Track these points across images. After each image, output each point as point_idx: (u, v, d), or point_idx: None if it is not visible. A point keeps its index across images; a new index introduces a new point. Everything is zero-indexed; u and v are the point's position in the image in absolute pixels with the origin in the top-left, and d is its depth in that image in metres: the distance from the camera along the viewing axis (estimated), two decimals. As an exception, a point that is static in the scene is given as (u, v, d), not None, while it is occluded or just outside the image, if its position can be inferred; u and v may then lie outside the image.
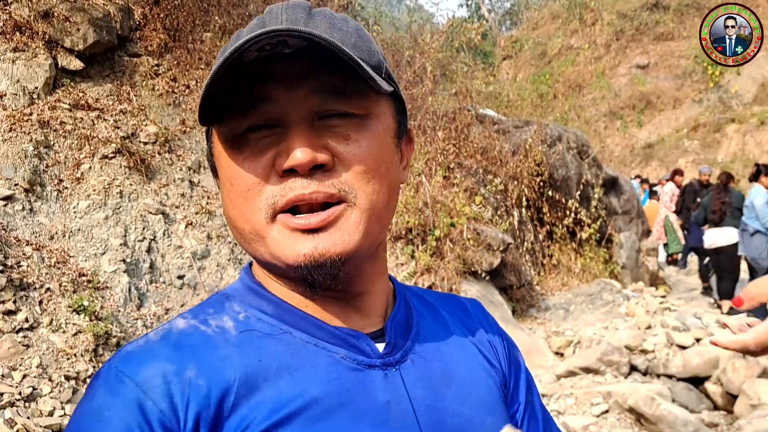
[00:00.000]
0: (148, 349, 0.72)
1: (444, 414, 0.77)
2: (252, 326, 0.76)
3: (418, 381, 0.78)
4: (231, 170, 0.74)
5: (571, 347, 6.98)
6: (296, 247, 0.71)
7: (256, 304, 0.79)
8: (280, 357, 0.73)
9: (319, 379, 0.72)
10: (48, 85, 6.27)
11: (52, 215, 5.62)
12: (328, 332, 0.77)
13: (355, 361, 0.75)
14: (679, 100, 25.15)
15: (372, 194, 0.74)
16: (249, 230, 0.75)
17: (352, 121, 0.74)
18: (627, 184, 12.48)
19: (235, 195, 0.74)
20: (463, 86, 10.39)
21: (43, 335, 4.66)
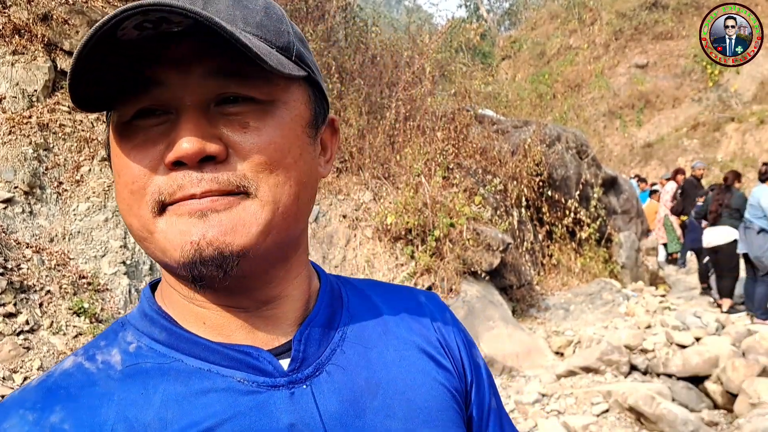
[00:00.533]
0: (18, 399, 0.66)
1: (363, 430, 0.69)
2: (141, 357, 0.69)
3: (333, 395, 0.70)
4: (118, 160, 0.67)
5: (571, 347, 6.99)
6: (183, 236, 0.63)
7: (148, 331, 0.71)
8: (166, 387, 0.66)
9: (211, 408, 0.65)
10: (47, 87, 6.28)
11: (52, 218, 5.63)
12: (222, 354, 0.69)
13: (254, 383, 0.68)
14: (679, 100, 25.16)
15: (275, 186, 0.66)
16: (137, 226, 0.67)
17: (253, 107, 0.66)
18: (626, 183, 12.48)
19: (122, 187, 0.67)
20: (462, 87, 10.40)
21: (44, 337, 4.67)
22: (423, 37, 10.37)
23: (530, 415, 5.37)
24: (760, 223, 7.78)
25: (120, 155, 0.66)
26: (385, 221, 7.50)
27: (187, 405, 0.65)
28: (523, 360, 6.63)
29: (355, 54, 9.53)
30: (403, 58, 9.71)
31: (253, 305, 0.71)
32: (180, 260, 0.63)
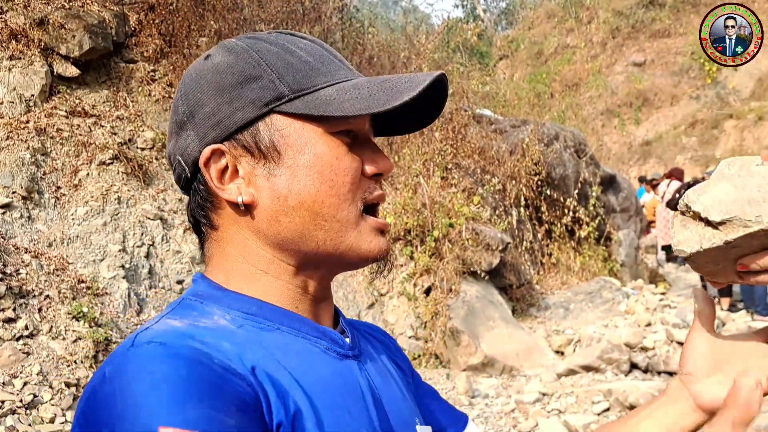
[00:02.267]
0: (178, 330, 0.72)
1: (396, 400, 0.88)
2: (241, 324, 0.78)
3: (375, 372, 0.88)
4: (339, 162, 0.81)
5: (572, 346, 6.99)
6: (378, 243, 0.84)
7: (236, 306, 0.80)
8: (277, 346, 0.77)
9: (319, 365, 0.79)
10: (44, 92, 6.28)
11: (51, 222, 5.62)
12: (312, 327, 0.83)
13: (336, 352, 0.83)
14: (677, 97, 25.17)
15: None
16: (341, 218, 0.82)
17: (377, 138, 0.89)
18: (625, 181, 12.48)
19: (339, 185, 0.81)
20: (460, 86, 10.39)
21: (43, 342, 4.67)
22: (420, 38, 10.38)
23: (531, 415, 5.37)
24: None
25: (342, 158, 0.82)
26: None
27: (301, 360, 0.78)
28: (524, 359, 6.62)
29: (352, 55, 9.54)
30: (400, 59, 9.73)
31: (323, 297, 0.88)
32: (373, 257, 0.84)
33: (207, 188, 0.83)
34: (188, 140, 0.83)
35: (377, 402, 0.83)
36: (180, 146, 0.84)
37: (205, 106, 0.82)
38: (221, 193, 0.81)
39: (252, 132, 0.81)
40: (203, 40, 7.81)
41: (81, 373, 4.63)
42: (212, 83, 0.83)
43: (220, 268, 0.85)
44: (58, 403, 4.35)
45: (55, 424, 4.19)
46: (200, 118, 0.82)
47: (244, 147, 0.81)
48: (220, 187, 0.81)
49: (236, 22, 8.32)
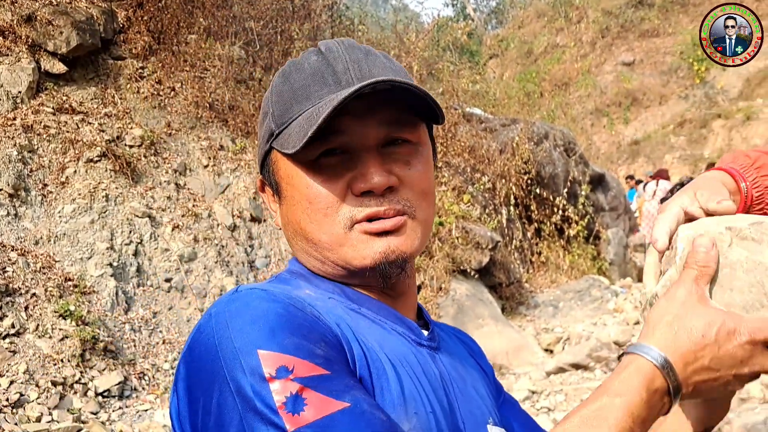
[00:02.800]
0: (276, 286, 0.84)
1: (468, 396, 0.91)
2: (331, 296, 0.88)
3: (450, 366, 0.92)
4: (310, 191, 0.85)
5: (561, 344, 7.00)
6: (373, 248, 0.85)
7: (323, 286, 0.89)
8: (361, 321, 0.85)
9: (394, 341, 0.85)
10: (31, 89, 6.23)
11: (37, 220, 5.58)
12: (390, 313, 0.89)
13: (411, 339, 0.88)
14: (665, 97, 25.27)
15: (426, 209, 0.90)
16: (327, 240, 0.86)
17: (410, 147, 0.89)
18: (614, 180, 12.52)
19: (314, 212, 0.86)
20: (450, 85, 10.39)
21: (30, 341, 4.63)
22: (410, 36, 10.37)
23: (520, 413, 5.37)
24: None
25: (312, 186, 0.85)
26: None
27: (381, 337, 0.84)
28: (513, 357, 6.63)
29: (341, 53, 9.49)
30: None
31: (397, 294, 0.92)
32: (371, 265, 0.85)
33: None
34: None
35: (448, 391, 0.87)
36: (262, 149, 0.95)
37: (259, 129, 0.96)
38: (274, 216, 0.96)
39: (266, 166, 0.92)
40: (192, 37, 7.77)
41: (68, 372, 4.60)
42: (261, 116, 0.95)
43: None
44: (45, 402, 4.32)
45: (41, 422, 4.16)
46: (258, 137, 0.96)
47: (266, 178, 0.94)
48: (270, 208, 0.96)
49: (225, 19, 8.28)
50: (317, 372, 0.71)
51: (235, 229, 6.55)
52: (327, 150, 0.85)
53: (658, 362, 0.73)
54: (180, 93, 7.28)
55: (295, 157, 0.85)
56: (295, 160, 0.86)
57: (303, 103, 0.85)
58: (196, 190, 6.67)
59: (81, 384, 4.62)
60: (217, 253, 6.21)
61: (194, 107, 7.22)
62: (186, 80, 7.37)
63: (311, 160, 0.85)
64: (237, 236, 6.52)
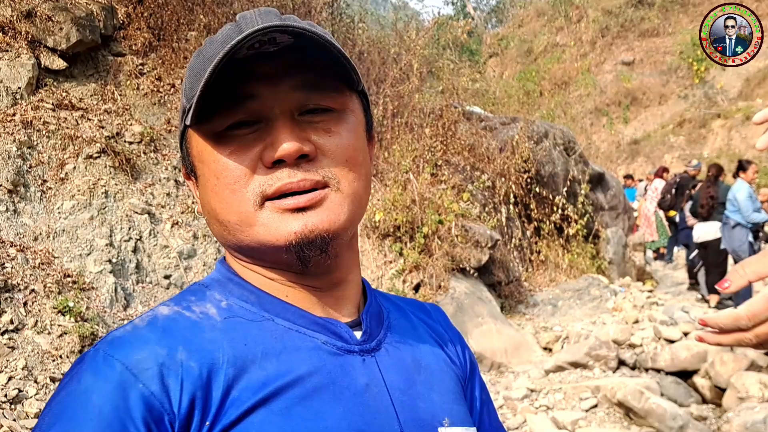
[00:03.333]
0: (136, 335, 0.73)
1: (416, 399, 0.82)
2: (235, 313, 0.79)
3: (392, 367, 0.82)
4: (217, 165, 0.77)
5: (560, 342, 7.00)
6: (287, 227, 0.75)
7: (237, 293, 0.81)
8: (265, 342, 0.76)
9: (303, 362, 0.75)
10: (31, 85, 6.22)
11: (36, 216, 5.57)
12: (309, 320, 0.80)
13: (335, 346, 0.79)
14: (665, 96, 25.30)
15: (353, 181, 0.80)
16: (235, 220, 0.78)
17: (332, 115, 0.80)
18: (613, 180, 12.52)
19: (221, 188, 0.77)
20: (450, 83, 10.39)
21: (28, 337, 4.62)
22: (410, 34, 10.36)
23: (519, 411, 5.37)
24: (736, 217, 7.84)
25: (219, 160, 0.77)
26: (374, 218, 7.48)
27: (283, 357, 0.75)
28: (512, 356, 6.63)
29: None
30: (390, 55, 9.70)
31: (327, 286, 0.83)
32: (284, 245, 0.76)
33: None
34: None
35: (381, 400, 0.78)
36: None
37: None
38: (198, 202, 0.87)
39: (184, 148, 0.85)
40: (192, 34, 7.76)
41: (66, 368, 4.59)
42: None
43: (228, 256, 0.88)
44: (44, 398, 4.31)
45: (40, 419, 4.15)
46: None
47: (185, 161, 0.86)
48: (196, 198, 0.86)
49: (225, 16, 8.26)
50: None
51: (234, 226, 6.54)
52: (238, 122, 0.76)
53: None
54: (180, 90, 7.27)
55: (200, 130, 0.78)
56: (201, 133, 0.78)
57: (202, 70, 0.76)
58: (196, 187, 6.66)
59: (80, 380, 4.61)
60: (217, 250, 6.20)
61: (194, 104, 7.21)
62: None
63: (219, 132, 0.77)
64: (236, 233, 6.51)
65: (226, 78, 0.74)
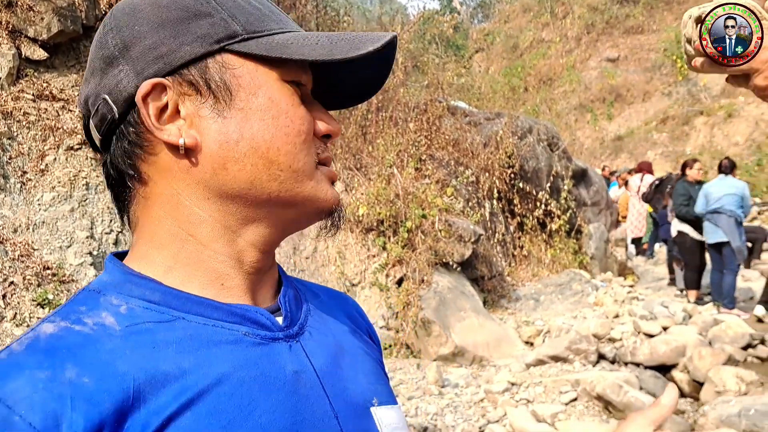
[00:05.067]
0: (10, 363, 0.63)
1: (345, 381, 0.80)
2: (138, 318, 0.70)
3: (317, 351, 0.79)
4: (296, 110, 0.77)
5: (541, 336, 7.04)
6: (333, 193, 0.80)
7: (137, 293, 0.72)
8: (177, 342, 0.69)
9: (224, 357, 0.70)
10: (11, 75, 6.15)
11: (16, 208, 5.52)
12: (225, 311, 0.74)
13: (257, 336, 0.74)
14: (649, 93, 25.46)
15: None
16: (299, 167, 0.76)
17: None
18: (596, 176, 12.60)
19: (294, 132, 0.76)
20: (435, 78, 10.40)
21: (7, 329, 4.59)
22: (395, 28, 10.35)
23: (500, 404, 5.40)
24: (739, 213, 7.92)
25: (296, 107, 0.77)
26: (357, 212, 7.49)
27: (201, 355, 0.69)
28: (494, 350, 6.67)
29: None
30: (375, 49, 9.67)
31: (263, 268, 0.80)
32: (331, 206, 0.80)
33: (138, 131, 0.73)
34: (120, 75, 0.74)
35: (312, 386, 0.75)
36: (107, 84, 0.74)
37: (144, 39, 0.73)
38: (159, 134, 0.72)
39: (200, 68, 0.74)
40: (176, 25, 7.71)
41: (46, 361, 4.57)
42: (153, 16, 0.74)
43: (144, 235, 0.77)
44: (22, 391, 4.29)
45: (18, 411, 4.13)
46: (138, 52, 0.73)
47: (190, 84, 0.73)
48: (159, 128, 0.72)
49: (209, 8, 8.22)
50: None
51: (217, 219, 6.52)
52: (294, 80, 0.77)
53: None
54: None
55: (280, 70, 0.76)
56: (273, 71, 0.75)
57: (280, 24, 0.78)
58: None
59: (59, 373, 4.59)
60: (199, 243, 6.18)
61: (177, 96, 7.17)
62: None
63: (285, 80, 0.76)
64: (219, 226, 6.50)
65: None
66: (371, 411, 0.81)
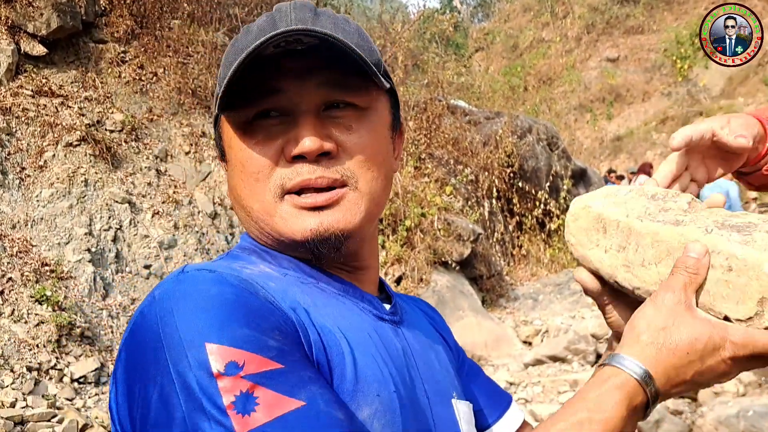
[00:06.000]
0: (220, 264, 0.77)
1: (433, 370, 0.88)
2: (286, 272, 0.82)
3: (413, 340, 0.88)
4: (243, 153, 0.81)
5: (539, 336, 7.04)
6: (303, 224, 0.79)
7: (276, 262, 0.84)
8: (319, 298, 0.79)
9: (354, 318, 0.80)
10: (10, 71, 6.14)
11: (14, 204, 5.51)
12: (348, 286, 0.84)
13: (372, 312, 0.84)
14: (648, 93, 25.43)
15: (371, 180, 0.82)
16: (258, 208, 0.81)
17: (354, 112, 0.82)
18: (596, 175, 12.59)
19: (246, 176, 0.81)
20: (435, 77, 10.39)
21: (5, 325, 4.58)
22: (395, 26, 10.34)
23: (498, 404, 5.39)
24: None
25: (245, 149, 0.80)
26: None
27: (338, 310, 0.79)
28: (492, 349, 6.66)
29: (327, 42, 9.45)
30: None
31: (352, 270, 0.87)
32: (300, 241, 0.79)
33: None
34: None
35: (411, 367, 0.83)
36: None
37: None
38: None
39: (218, 131, 0.88)
40: (176, 22, 7.69)
41: (43, 357, 4.55)
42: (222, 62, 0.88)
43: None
44: (20, 387, 4.28)
45: (15, 408, 4.11)
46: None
47: (217, 146, 0.90)
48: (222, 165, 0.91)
49: (209, 4, 8.20)
50: (270, 367, 0.64)
51: (216, 216, 6.51)
52: (263, 111, 0.80)
53: (642, 379, 0.70)
54: (162, 78, 7.21)
55: (230, 117, 0.82)
56: (231, 121, 0.82)
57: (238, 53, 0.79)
58: (177, 177, 6.61)
59: (57, 370, 4.58)
60: (198, 241, 6.17)
61: (176, 93, 7.15)
62: (168, 66, 7.29)
63: (245, 122, 0.80)
64: (218, 224, 6.48)
65: (257, 70, 0.77)
66: (452, 402, 0.88)
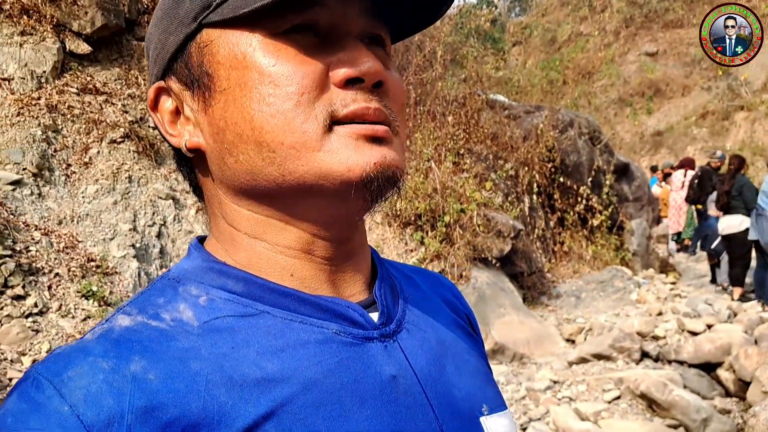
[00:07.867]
0: (79, 348, 0.58)
1: (450, 387, 0.70)
2: (218, 311, 0.63)
3: (418, 352, 0.69)
4: (277, 69, 0.61)
5: (583, 334, 6.94)
6: (364, 156, 0.61)
7: (218, 283, 0.65)
8: (260, 340, 0.61)
9: (312, 359, 0.62)
10: (56, 69, 6.23)
11: (61, 200, 5.59)
12: (314, 305, 0.65)
13: (350, 335, 0.65)
14: (688, 88, 25.00)
15: (404, 133, 0.69)
16: (291, 142, 0.61)
17: (385, 55, 0.68)
18: (638, 170, 12.38)
19: (280, 99, 0.61)
20: (473, 71, 10.31)
21: (53, 320, 4.65)
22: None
23: (542, 402, 5.33)
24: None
25: (280, 62, 0.61)
26: (395, 206, 7.45)
27: (286, 357, 0.61)
28: (534, 347, 6.58)
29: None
30: (413, 42, 9.62)
31: (341, 257, 0.69)
32: (359, 177, 0.60)
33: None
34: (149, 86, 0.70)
35: (412, 394, 0.65)
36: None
37: (152, 42, 0.69)
38: (171, 141, 0.67)
39: (184, 58, 0.65)
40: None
41: (90, 351, 4.61)
42: (158, 13, 0.68)
43: (213, 231, 0.71)
44: (68, 381, 4.34)
45: (64, 401, 4.18)
46: (150, 57, 0.70)
47: (180, 79, 0.66)
48: (171, 134, 0.67)
49: None
50: None
51: (256, 212, 6.55)
52: (298, 25, 0.62)
53: None
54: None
55: (257, 23, 0.62)
56: (256, 30, 0.62)
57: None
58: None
59: (103, 364, 4.64)
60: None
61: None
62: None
63: (278, 33, 0.62)
64: (258, 220, 6.52)
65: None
66: (480, 421, 0.71)
